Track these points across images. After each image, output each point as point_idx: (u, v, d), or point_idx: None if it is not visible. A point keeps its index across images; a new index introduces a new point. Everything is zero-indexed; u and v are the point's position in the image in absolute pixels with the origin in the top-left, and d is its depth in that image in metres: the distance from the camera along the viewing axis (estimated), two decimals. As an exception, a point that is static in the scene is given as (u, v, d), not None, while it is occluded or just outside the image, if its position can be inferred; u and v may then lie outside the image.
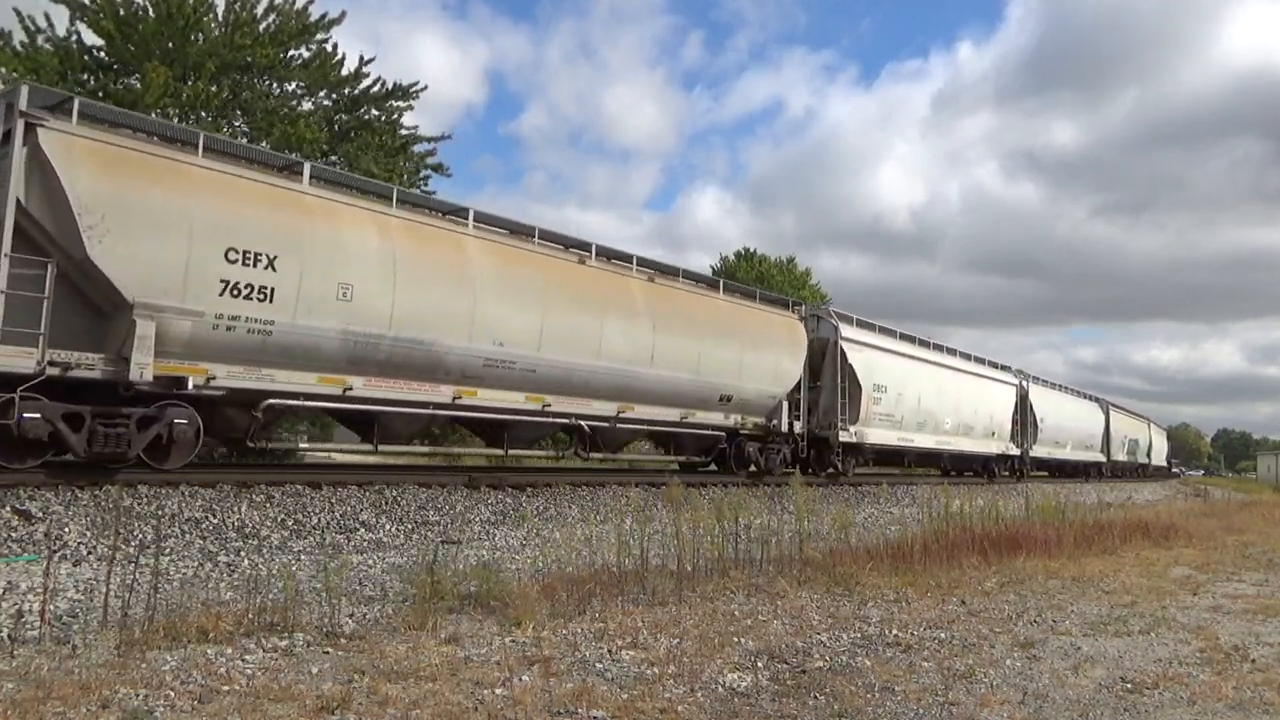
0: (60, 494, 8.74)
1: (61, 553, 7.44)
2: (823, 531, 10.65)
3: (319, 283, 10.62)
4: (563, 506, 12.86)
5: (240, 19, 20.18)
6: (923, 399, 23.25)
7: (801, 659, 5.37)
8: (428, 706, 4.06)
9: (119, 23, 18.87)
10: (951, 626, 6.52)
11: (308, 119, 20.92)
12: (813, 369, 19.54)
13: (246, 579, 6.90)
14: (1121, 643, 6.26)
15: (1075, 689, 5.00)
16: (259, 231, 10.15)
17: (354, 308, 10.96)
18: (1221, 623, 7.15)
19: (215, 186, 9.97)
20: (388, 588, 7.01)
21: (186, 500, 9.35)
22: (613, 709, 4.20)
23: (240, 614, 5.35)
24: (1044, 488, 20.80)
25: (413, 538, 10.10)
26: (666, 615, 6.30)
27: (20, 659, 4.46)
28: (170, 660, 4.53)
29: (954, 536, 10.16)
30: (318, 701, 4.01)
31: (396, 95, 22.84)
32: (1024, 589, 8.33)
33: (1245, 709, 4.76)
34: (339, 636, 5.24)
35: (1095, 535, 11.95)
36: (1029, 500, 14.00)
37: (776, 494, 15.61)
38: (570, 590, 6.63)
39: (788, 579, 7.89)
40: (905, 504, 18.40)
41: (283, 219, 10.46)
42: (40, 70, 17.80)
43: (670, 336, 15.35)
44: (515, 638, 5.44)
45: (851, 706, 4.50)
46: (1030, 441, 31.35)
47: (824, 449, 19.76)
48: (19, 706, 3.72)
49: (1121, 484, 36.96)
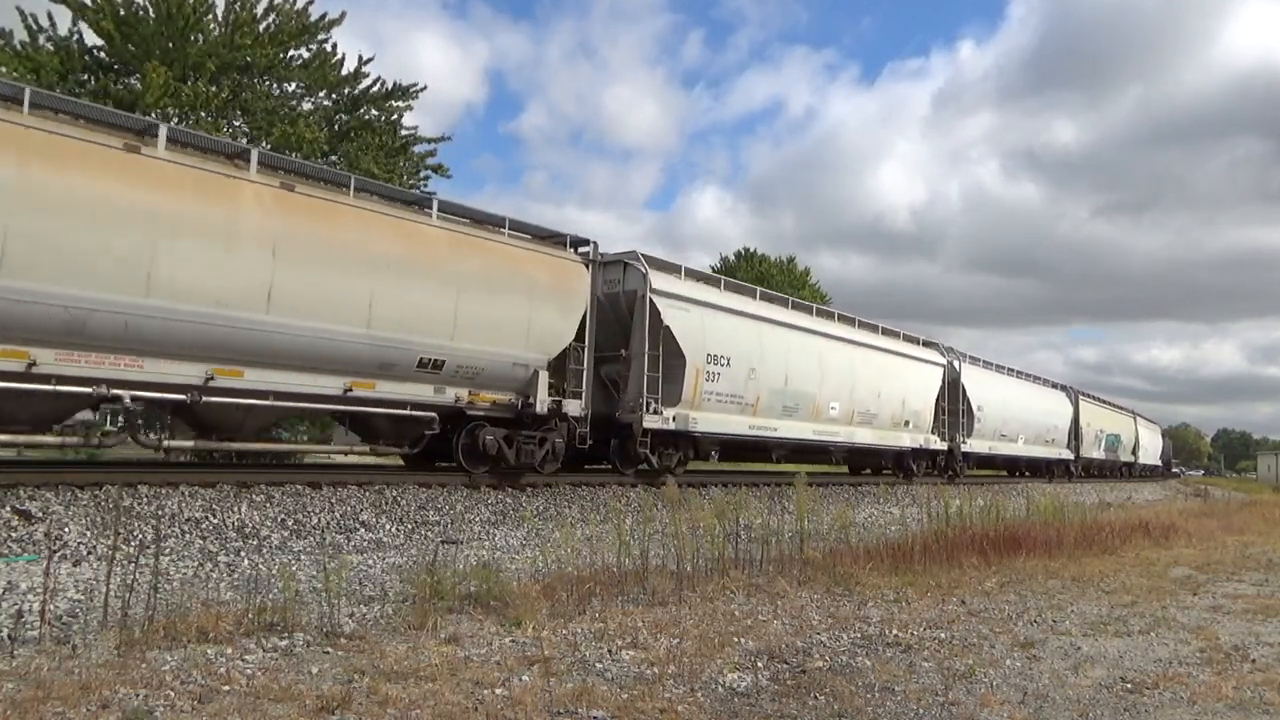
0: (60, 494, 8.73)
1: (61, 553, 7.44)
2: (823, 531, 10.65)
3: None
4: (563, 506, 12.86)
5: (240, 19, 20.19)
6: (791, 377, 18.09)
7: (801, 659, 5.37)
8: (428, 706, 4.06)
9: (119, 23, 18.88)
10: (951, 626, 6.52)
11: (308, 119, 20.95)
12: (623, 332, 15.06)
13: (246, 579, 6.91)
14: (1121, 643, 6.26)
15: (1075, 689, 5.00)
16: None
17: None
18: (1221, 623, 7.15)
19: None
20: (388, 588, 7.01)
21: (186, 500, 9.35)
22: (613, 709, 4.20)
23: (240, 614, 5.35)
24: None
25: (413, 538, 10.10)
26: (666, 615, 6.30)
27: (20, 659, 4.46)
28: (170, 660, 4.53)
29: (954, 536, 10.16)
30: (318, 701, 4.01)
31: (396, 95, 22.87)
32: (1024, 589, 8.33)
33: (1245, 709, 4.75)
34: (339, 636, 5.24)
35: (1095, 535, 11.95)
36: (1029, 500, 14.00)
37: (777, 494, 15.59)
38: (570, 590, 6.64)
39: (788, 579, 7.89)
40: (905, 504, 18.39)
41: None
42: (41, 70, 17.82)
43: (309, 270, 10.49)
44: (515, 638, 5.44)
45: (851, 706, 4.50)
46: (964, 434, 26.01)
47: (629, 439, 14.97)
48: (19, 706, 3.72)
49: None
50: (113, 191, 9.03)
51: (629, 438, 14.86)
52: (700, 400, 15.82)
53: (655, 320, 14.92)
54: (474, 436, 12.76)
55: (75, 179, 8.79)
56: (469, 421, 12.73)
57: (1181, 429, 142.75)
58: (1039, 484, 26.97)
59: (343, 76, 22.24)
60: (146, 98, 17.69)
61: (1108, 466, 41.83)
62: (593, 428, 14.33)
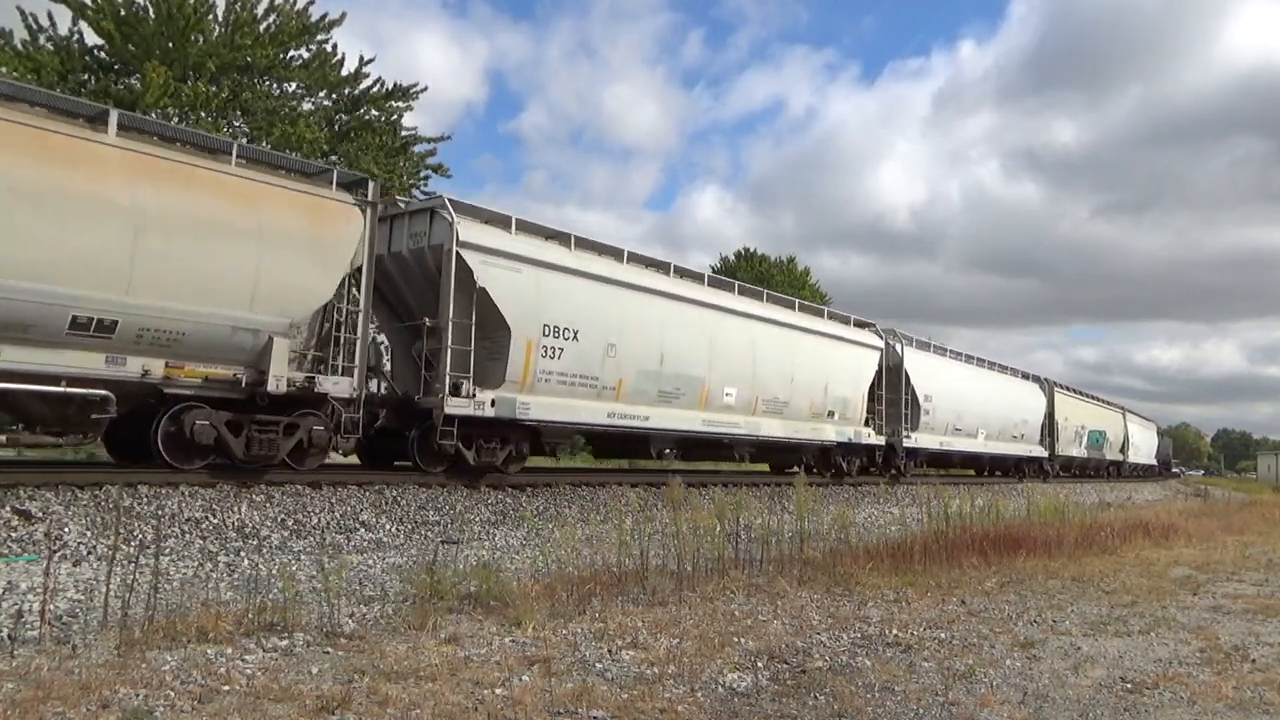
0: (60, 494, 8.74)
1: (61, 553, 7.44)
2: (823, 531, 10.65)
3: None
4: (562, 506, 12.87)
5: (240, 19, 20.21)
6: (670, 356, 15.10)
7: (801, 659, 5.37)
8: (428, 706, 4.06)
9: (119, 23, 18.90)
10: (951, 626, 6.52)
11: (308, 119, 20.97)
12: (436, 297, 12.37)
13: (246, 579, 6.91)
14: (1121, 643, 6.26)
15: (1075, 689, 5.00)
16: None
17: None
18: (1221, 623, 7.15)
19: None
20: (388, 588, 7.01)
21: (186, 500, 9.35)
22: (613, 709, 4.20)
23: (240, 614, 5.35)
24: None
25: (413, 538, 10.11)
26: (666, 615, 6.30)
27: (20, 659, 4.46)
28: (170, 660, 4.53)
29: (954, 536, 10.17)
30: (318, 701, 4.02)
31: (396, 96, 22.90)
32: (1024, 589, 8.33)
33: (1245, 709, 4.75)
34: (339, 636, 5.24)
35: (1095, 535, 11.95)
36: (1030, 500, 14.01)
37: (777, 494, 15.58)
38: (570, 590, 6.64)
39: (788, 579, 7.90)
40: (905, 504, 18.38)
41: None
42: (41, 70, 17.84)
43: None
44: (515, 638, 5.44)
45: (851, 706, 4.50)
46: (908, 427, 22.86)
47: (431, 428, 12.12)
48: (19, 706, 3.72)
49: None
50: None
51: (431, 427, 12.00)
52: (534, 382, 12.88)
53: (466, 281, 12.11)
54: (179, 422, 9.78)
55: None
56: (175, 403, 9.82)
57: (1181, 429, 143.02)
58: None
59: (343, 77, 22.28)
60: (146, 98, 17.70)
61: (1091, 465, 39.03)
62: (397, 415, 12.22)
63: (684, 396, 15.50)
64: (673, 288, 15.73)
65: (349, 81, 22.42)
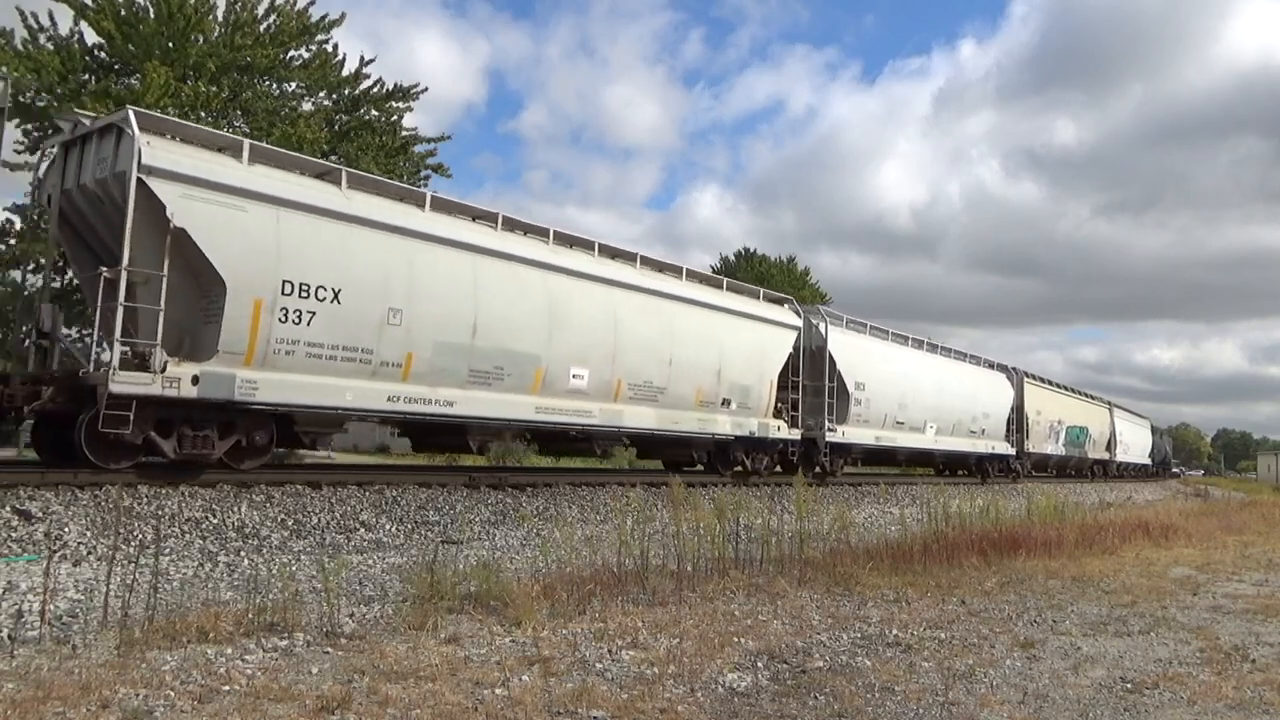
0: (60, 494, 8.74)
1: (61, 553, 7.44)
2: (823, 531, 10.66)
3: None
4: (562, 506, 12.87)
5: (240, 19, 20.21)
6: (487, 326, 12.23)
7: (801, 659, 5.37)
8: (428, 706, 4.06)
9: (120, 23, 18.91)
10: (951, 626, 6.53)
11: (308, 119, 20.96)
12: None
13: (246, 579, 6.91)
14: (1121, 643, 6.26)
15: (1075, 689, 5.00)
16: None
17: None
18: (1221, 623, 7.15)
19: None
20: (388, 588, 7.01)
21: (186, 500, 9.35)
22: (613, 709, 4.20)
23: (240, 614, 5.35)
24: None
25: (413, 538, 10.11)
26: (666, 615, 6.30)
27: (20, 659, 4.46)
28: (170, 660, 4.53)
29: (954, 536, 10.17)
30: (318, 701, 4.02)
31: (396, 96, 22.90)
32: (1024, 589, 8.33)
33: (1245, 709, 4.76)
34: (339, 636, 5.25)
35: (1095, 535, 11.95)
36: (1030, 501, 14.02)
37: (777, 494, 15.59)
38: (570, 590, 6.63)
39: (788, 579, 7.90)
40: (905, 504, 18.39)
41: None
42: (41, 70, 17.85)
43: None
44: (515, 638, 5.44)
45: (851, 706, 4.50)
46: (835, 419, 19.76)
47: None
48: (19, 706, 3.72)
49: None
50: None
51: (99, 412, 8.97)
52: (269, 353, 10.05)
53: (156, 218, 9.39)
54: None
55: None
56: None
57: (1182, 429, 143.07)
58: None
59: (343, 77, 22.28)
60: (147, 98, 17.68)
61: (1071, 464, 36.19)
62: (70, 395, 9.29)
63: (510, 378, 12.61)
64: (494, 243, 12.59)
65: (349, 82, 22.41)
